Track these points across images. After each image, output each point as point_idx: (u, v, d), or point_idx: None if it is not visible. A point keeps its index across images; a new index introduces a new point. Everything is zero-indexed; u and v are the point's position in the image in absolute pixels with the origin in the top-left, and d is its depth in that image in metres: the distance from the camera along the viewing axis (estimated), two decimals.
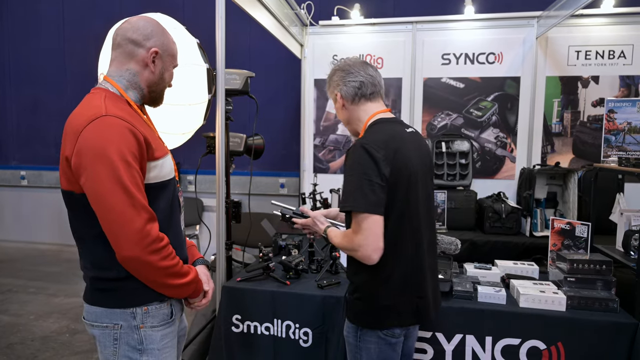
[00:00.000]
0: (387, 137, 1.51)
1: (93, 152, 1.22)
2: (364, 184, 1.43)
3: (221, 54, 2.15)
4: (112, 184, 1.21)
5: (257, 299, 2.15)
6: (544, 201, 3.44)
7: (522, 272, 2.37)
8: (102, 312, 1.34)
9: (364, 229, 1.43)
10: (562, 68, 3.71)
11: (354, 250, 1.48)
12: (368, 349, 1.56)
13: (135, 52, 1.38)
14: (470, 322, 1.97)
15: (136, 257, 1.24)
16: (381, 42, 3.96)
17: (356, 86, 1.60)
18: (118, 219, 1.22)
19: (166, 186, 1.39)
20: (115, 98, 1.34)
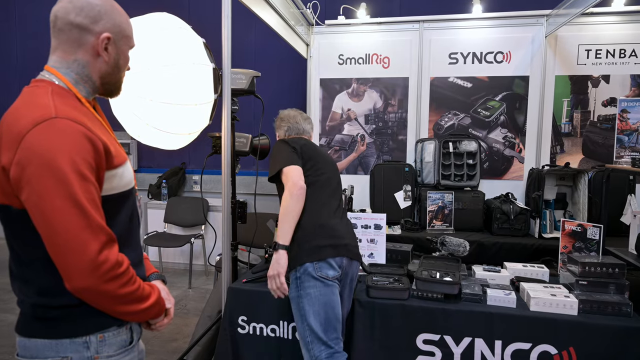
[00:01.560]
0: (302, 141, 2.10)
1: (39, 162, 0.99)
2: (283, 153, 1.99)
3: (227, 54, 2.13)
4: (62, 202, 1.00)
5: (263, 301, 2.13)
6: (553, 202, 3.40)
7: (531, 275, 2.34)
8: (46, 345, 1.11)
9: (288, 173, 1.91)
10: (572, 67, 3.66)
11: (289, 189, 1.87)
12: (309, 295, 1.83)
13: (83, 39, 1.14)
14: (479, 326, 1.93)
15: (91, 287, 1.04)
16: (387, 41, 3.92)
17: (285, 129, 2.25)
18: (69, 244, 1.01)
19: (126, 197, 1.20)
20: (64, 94, 1.12)
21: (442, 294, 2.01)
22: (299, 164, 1.94)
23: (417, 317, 1.98)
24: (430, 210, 3.48)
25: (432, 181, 3.68)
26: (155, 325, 1.28)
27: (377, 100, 3.98)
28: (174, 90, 1.92)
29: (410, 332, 1.99)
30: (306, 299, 1.82)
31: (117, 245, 1.09)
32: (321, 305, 1.81)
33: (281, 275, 1.81)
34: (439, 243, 2.42)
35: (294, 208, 1.85)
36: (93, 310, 1.10)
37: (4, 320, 3.51)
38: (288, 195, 1.86)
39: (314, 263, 1.83)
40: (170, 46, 1.95)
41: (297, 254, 1.86)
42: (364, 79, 3.98)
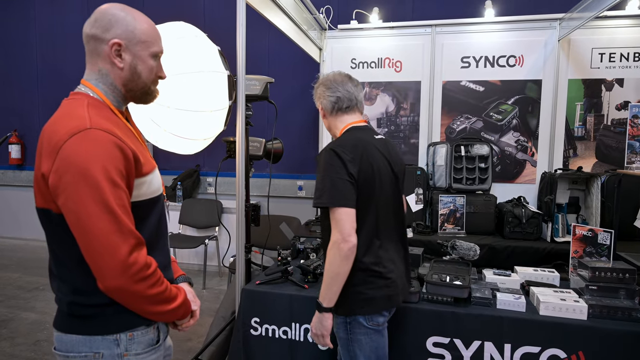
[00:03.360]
0: (355, 142, 1.69)
1: (75, 170, 1.06)
2: (336, 181, 1.60)
3: (242, 61, 2.19)
4: (96, 207, 1.07)
5: (276, 302, 2.17)
6: (566, 206, 3.39)
7: (542, 279, 2.34)
8: (80, 340, 1.18)
9: (339, 220, 1.58)
10: (585, 71, 3.65)
11: (336, 251, 1.57)
12: (359, 341, 1.70)
13: (98, 48, 1.21)
14: (489, 329, 1.95)
15: (122, 287, 1.11)
16: (400, 45, 3.95)
17: (333, 101, 1.80)
18: (101, 246, 1.08)
19: (155, 203, 1.27)
20: (99, 105, 1.19)
21: (452, 297, 2.03)
22: (352, 203, 1.60)
23: (427, 320, 2.01)
24: (442, 214, 3.50)
25: (443, 184, 3.70)
26: (182, 326, 1.35)
27: (389, 104, 4.01)
28: (191, 97, 1.98)
29: (421, 335, 2.01)
30: (356, 344, 1.70)
31: (145, 248, 1.16)
32: (372, 350, 1.72)
33: (326, 337, 1.67)
34: (449, 247, 2.44)
35: (343, 271, 1.60)
36: (124, 310, 1.17)
37: (26, 319, 3.63)
38: (337, 253, 1.58)
39: (366, 316, 1.69)
40: (187, 54, 2.01)
41: (346, 302, 1.67)
42: (376, 82, 4.02)
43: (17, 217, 6.18)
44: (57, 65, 5.85)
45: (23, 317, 3.65)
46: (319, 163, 1.68)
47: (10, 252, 5.65)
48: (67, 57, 5.78)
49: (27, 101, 6.02)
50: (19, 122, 6.03)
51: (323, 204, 1.62)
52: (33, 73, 5.98)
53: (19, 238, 6.15)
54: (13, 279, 4.66)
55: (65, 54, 5.78)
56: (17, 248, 5.84)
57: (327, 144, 1.74)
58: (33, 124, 5.98)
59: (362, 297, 1.66)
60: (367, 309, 1.68)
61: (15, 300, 4.05)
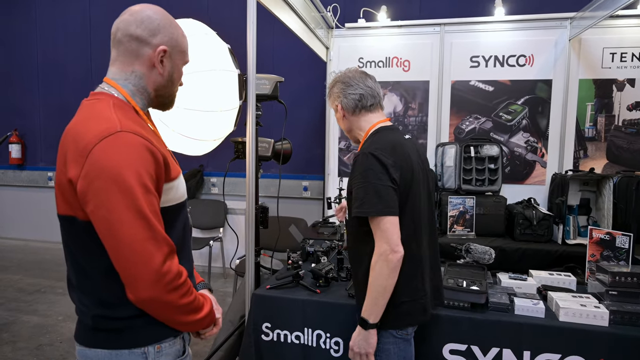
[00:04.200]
0: (392, 144, 1.58)
1: (107, 175, 1.01)
2: (379, 188, 1.50)
3: (252, 60, 2.13)
4: (129, 215, 1.02)
5: (287, 307, 2.12)
6: (577, 208, 3.34)
7: (558, 283, 2.30)
8: (106, 355, 1.14)
9: (385, 231, 1.49)
10: (596, 70, 3.60)
11: (384, 266, 1.49)
12: (387, 350, 1.63)
13: (140, 51, 1.17)
14: (507, 336, 1.90)
15: (155, 298, 1.06)
16: (408, 44, 3.90)
17: (356, 99, 1.67)
18: (135, 255, 1.03)
19: (181, 209, 1.23)
20: (124, 106, 1.15)
21: (469, 303, 1.98)
22: (397, 210, 1.51)
23: (443, 326, 1.96)
24: (451, 215, 3.44)
25: (452, 186, 3.64)
26: (205, 335, 1.31)
27: (397, 104, 3.96)
28: (201, 96, 1.93)
29: (436, 342, 1.96)
30: (384, 354, 1.64)
31: (176, 256, 1.12)
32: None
33: (370, 356, 1.59)
34: (463, 250, 2.39)
35: (390, 283, 1.51)
36: (152, 321, 1.13)
37: (28, 322, 3.57)
38: (384, 265, 1.49)
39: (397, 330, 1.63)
40: (197, 52, 1.96)
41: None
42: (384, 82, 3.96)
43: (18, 218, 6.12)
44: (58, 64, 5.79)
45: (25, 321, 3.59)
46: (356, 168, 1.56)
47: (10, 254, 5.59)
48: (68, 57, 5.72)
49: (28, 100, 5.96)
50: (19, 121, 5.97)
51: (365, 214, 1.51)
52: (34, 72, 5.92)
53: (19, 239, 6.09)
54: (14, 281, 4.60)
55: (67, 53, 5.72)
56: (17, 249, 5.78)
57: (364, 147, 1.61)
58: (34, 124, 5.91)
59: (397, 311, 1.59)
60: (402, 322, 1.61)
61: (16, 303, 3.99)
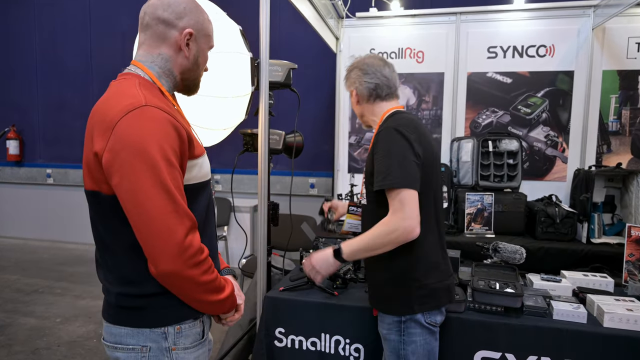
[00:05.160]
0: (413, 122, 1.59)
1: (132, 148, 1.03)
2: (402, 161, 1.47)
3: (265, 44, 1.97)
4: (153, 187, 1.03)
5: (303, 311, 1.96)
6: (602, 205, 3.18)
7: (594, 285, 2.13)
8: (128, 333, 1.16)
9: (406, 203, 1.44)
10: (621, 61, 3.42)
11: (394, 230, 1.46)
12: (414, 342, 1.57)
13: (167, 34, 1.19)
14: (546, 343, 1.74)
15: (176, 271, 1.07)
16: (422, 34, 3.73)
17: (371, 87, 1.68)
18: (158, 228, 1.04)
19: (204, 187, 1.24)
20: (149, 86, 1.17)
21: (503, 307, 1.81)
22: (418, 185, 1.48)
23: (475, 332, 1.79)
24: (469, 213, 3.27)
25: (469, 182, 3.47)
26: (226, 320, 1.32)
27: (410, 97, 3.79)
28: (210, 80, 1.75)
29: (468, 349, 1.80)
30: (410, 346, 1.57)
31: (198, 232, 1.12)
32: (425, 354, 1.59)
33: (319, 276, 1.66)
34: (491, 249, 2.22)
35: (385, 249, 1.51)
36: (173, 302, 1.14)
37: (25, 325, 3.40)
38: (392, 234, 1.46)
39: (424, 313, 1.58)
40: None
41: (406, 298, 1.56)
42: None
43: (16, 216, 5.97)
44: (58, 59, 5.64)
45: (21, 323, 3.43)
46: (378, 144, 1.54)
47: (8, 252, 5.43)
48: (67, 52, 5.57)
49: (26, 95, 5.80)
50: (17, 116, 5.81)
51: (386, 186, 1.47)
52: (32, 67, 5.77)
53: (18, 237, 5.94)
54: (11, 281, 4.43)
55: (66, 48, 5.58)
56: (16, 248, 5.63)
57: (386, 124, 1.59)
58: (32, 119, 5.75)
59: (424, 292, 1.56)
60: (429, 304, 1.57)
61: (13, 304, 3.82)
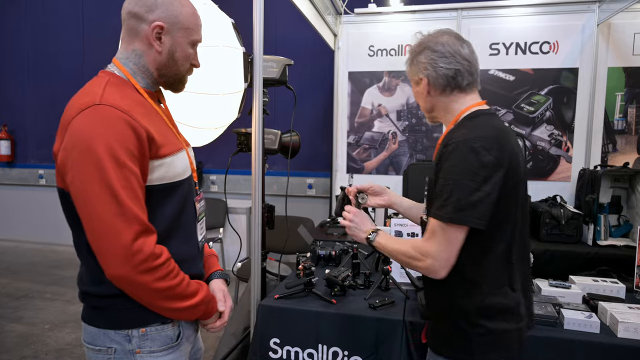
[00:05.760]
0: (496, 135, 1.24)
1: (80, 147, 1.02)
2: (467, 194, 1.18)
3: (259, 38, 1.86)
4: (98, 188, 1.01)
5: (299, 321, 1.85)
6: (608, 206, 3.08)
7: (604, 291, 2.04)
8: (97, 333, 1.14)
9: (442, 241, 1.21)
10: (627, 58, 3.34)
11: (418, 259, 1.25)
12: None
13: (138, 28, 1.15)
14: (557, 355, 1.63)
15: (124, 276, 1.04)
16: (422, 31, 3.62)
17: (450, 75, 1.31)
18: (103, 230, 1.02)
19: (175, 189, 1.17)
20: (121, 84, 1.15)
21: None
22: (479, 222, 1.19)
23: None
24: None
25: None
26: (207, 327, 1.27)
27: (410, 95, 3.70)
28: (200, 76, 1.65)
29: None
30: None
31: (154, 236, 1.07)
32: None
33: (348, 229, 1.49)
34: None
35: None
36: (136, 304, 1.10)
37: (12, 331, 3.29)
38: (414, 264, 1.28)
39: None
40: None
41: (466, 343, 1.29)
42: (396, 72, 3.70)
43: (7, 218, 5.86)
44: (50, 58, 5.53)
45: (9, 330, 3.31)
46: (447, 162, 1.22)
47: None
48: (59, 50, 5.47)
49: (18, 95, 5.69)
50: (9, 117, 5.69)
51: (438, 218, 1.21)
52: (24, 66, 5.65)
53: (9, 240, 5.82)
54: (1, 285, 4.32)
55: (58, 47, 5.47)
56: (7, 250, 5.51)
57: (460, 134, 1.24)
58: (24, 119, 5.63)
59: (489, 339, 1.27)
60: (494, 353, 1.28)
61: (2, 309, 3.71)
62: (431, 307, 1.44)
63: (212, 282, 1.34)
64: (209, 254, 1.40)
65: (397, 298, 1.94)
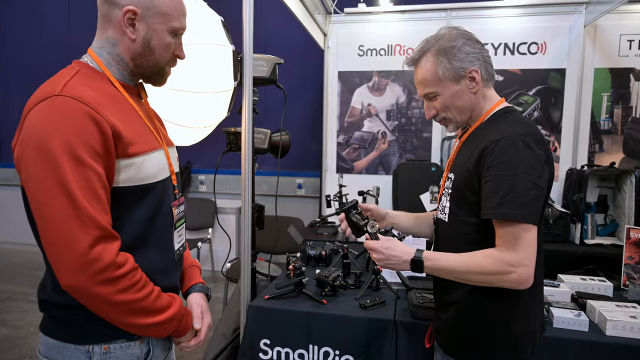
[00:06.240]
0: (538, 130, 1.22)
1: (33, 144, 0.92)
2: (529, 188, 1.14)
3: (249, 36, 1.83)
4: (51, 188, 0.91)
5: (289, 321, 1.84)
6: (595, 205, 3.12)
7: (592, 290, 2.06)
8: (54, 346, 1.03)
9: (527, 245, 1.13)
10: (613, 59, 3.37)
11: (506, 272, 1.14)
12: None
13: (111, 14, 1.06)
14: (547, 353, 1.64)
15: (79, 287, 0.93)
16: (412, 31, 3.64)
17: (490, 63, 1.29)
18: (56, 235, 0.92)
19: (146, 192, 1.06)
20: (92, 75, 1.05)
21: None
22: (538, 222, 1.17)
23: None
24: None
25: None
26: (180, 345, 1.16)
27: (400, 95, 3.70)
28: (189, 75, 1.62)
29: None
30: None
31: (117, 243, 0.97)
32: None
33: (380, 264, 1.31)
34: None
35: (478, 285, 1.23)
36: (96, 317, 0.99)
37: None
38: (495, 279, 1.17)
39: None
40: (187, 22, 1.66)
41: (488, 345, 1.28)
42: (385, 71, 3.70)
43: None
44: (35, 57, 5.42)
45: None
46: (500, 156, 1.16)
47: None
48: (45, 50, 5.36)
49: (1, 93, 5.57)
50: None
51: (506, 216, 1.14)
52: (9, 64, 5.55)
53: None
54: None
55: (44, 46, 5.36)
56: None
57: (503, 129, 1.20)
58: (9, 118, 5.52)
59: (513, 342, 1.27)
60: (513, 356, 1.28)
61: None
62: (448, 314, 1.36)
63: (190, 296, 1.24)
64: (190, 265, 1.30)
65: (388, 298, 1.94)
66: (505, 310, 1.25)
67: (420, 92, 1.37)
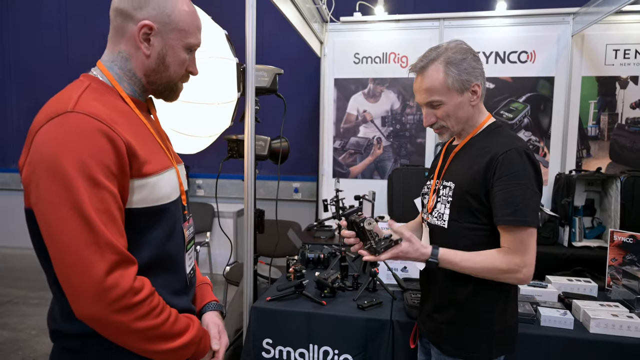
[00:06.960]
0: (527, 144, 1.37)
1: (45, 163, 0.86)
2: (533, 195, 1.28)
3: (251, 48, 1.92)
4: (66, 212, 0.84)
5: (290, 321, 1.92)
6: (582, 209, 3.23)
7: (578, 290, 2.15)
8: None
9: (529, 247, 1.29)
10: (599, 68, 3.50)
11: (515, 271, 1.29)
12: None
13: (125, 28, 1.00)
14: (534, 350, 1.74)
15: (97, 316, 0.86)
16: (406, 39, 3.74)
17: (485, 80, 1.40)
18: (71, 263, 0.85)
19: (161, 213, 1.00)
20: (103, 90, 0.99)
21: None
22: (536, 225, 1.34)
23: None
24: None
25: None
26: None
27: (394, 102, 3.80)
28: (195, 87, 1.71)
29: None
30: None
31: (134, 268, 0.91)
32: None
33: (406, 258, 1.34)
34: None
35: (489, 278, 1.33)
36: (114, 345, 0.93)
37: None
38: (502, 277, 1.30)
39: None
40: None
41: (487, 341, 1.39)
42: (380, 79, 3.80)
43: None
44: (32, 60, 5.46)
45: None
46: (509, 167, 1.26)
47: None
48: (42, 53, 5.40)
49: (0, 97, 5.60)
50: None
51: (519, 223, 1.26)
52: (6, 67, 5.57)
53: None
54: None
55: (41, 50, 5.40)
56: None
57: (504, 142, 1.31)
58: (6, 122, 5.56)
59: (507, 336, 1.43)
60: (504, 348, 1.43)
61: None
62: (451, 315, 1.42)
63: (205, 316, 1.18)
64: (201, 282, 1.24)
65: (384, 299, 2.02)
66: (499, 306, 1.39)
67: (422, 100, 1.41)
